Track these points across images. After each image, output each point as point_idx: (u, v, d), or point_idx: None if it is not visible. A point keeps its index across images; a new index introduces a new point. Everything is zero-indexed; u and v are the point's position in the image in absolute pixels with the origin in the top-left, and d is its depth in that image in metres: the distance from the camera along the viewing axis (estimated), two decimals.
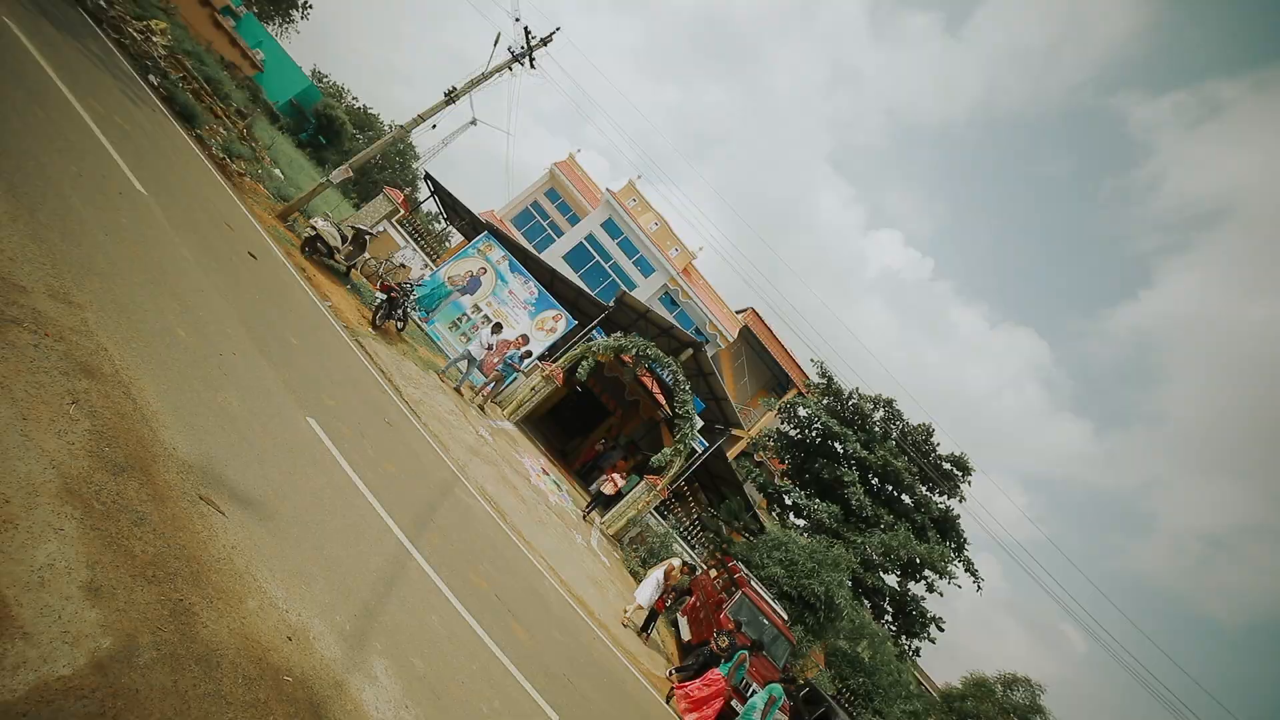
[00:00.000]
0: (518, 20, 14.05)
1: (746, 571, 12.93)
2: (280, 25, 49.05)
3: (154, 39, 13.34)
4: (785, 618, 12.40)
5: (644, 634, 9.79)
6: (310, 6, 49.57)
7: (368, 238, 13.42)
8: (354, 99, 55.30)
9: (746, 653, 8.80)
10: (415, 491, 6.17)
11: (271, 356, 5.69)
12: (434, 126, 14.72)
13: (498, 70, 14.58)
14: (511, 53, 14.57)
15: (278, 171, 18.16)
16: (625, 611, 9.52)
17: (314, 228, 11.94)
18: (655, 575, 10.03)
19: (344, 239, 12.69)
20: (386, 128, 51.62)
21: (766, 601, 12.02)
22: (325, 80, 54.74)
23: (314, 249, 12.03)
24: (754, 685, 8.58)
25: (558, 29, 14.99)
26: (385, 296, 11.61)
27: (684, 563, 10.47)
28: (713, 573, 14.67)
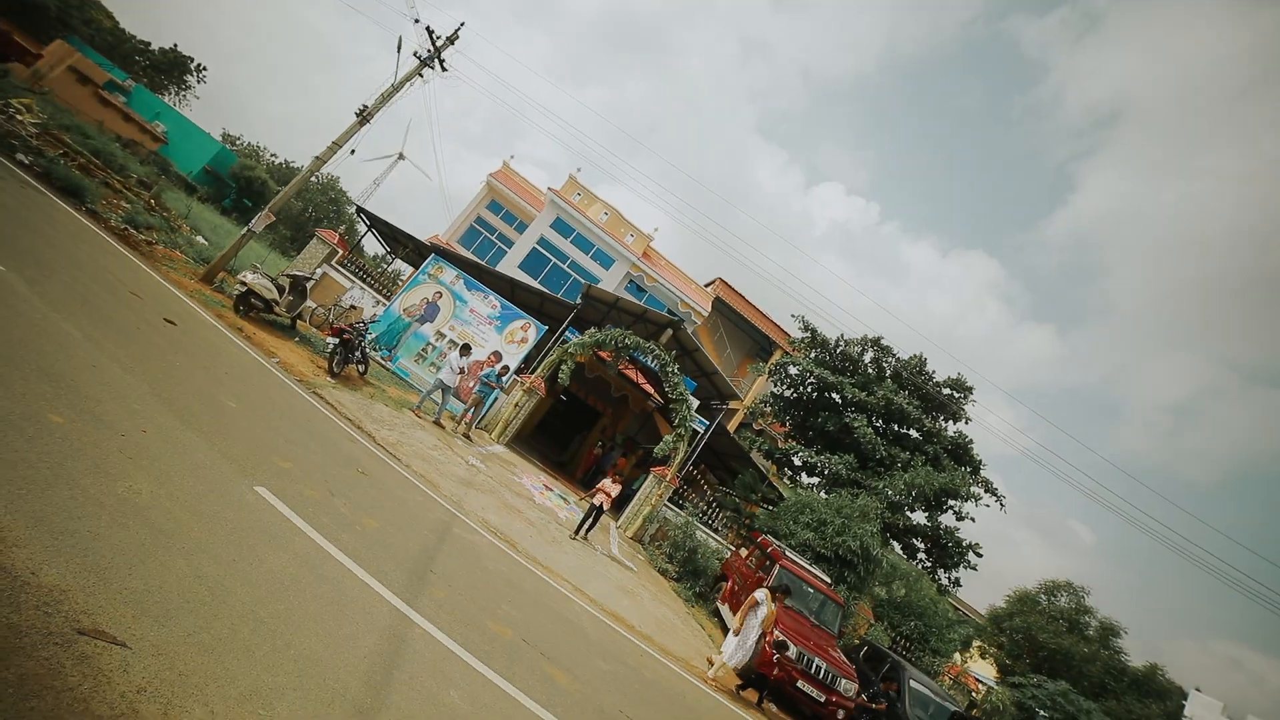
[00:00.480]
0: (417, 21, 13.06)
1: (778, 543, 12.29)
2: (177, 94, 46.72)
3: (20, 118, 12.07)
4: (828, 581, 11.82)
5: (760, 706, 7.85)
6: (205, 69, 47.34)
7: (307, 284, 12.41)
8: (273, 156, 53.33)
9: None
10: (406, 543, 5.34)
11: (200, 426, 4.80)
12: (353, 152, 13.67)
13: (408, 79, 13.58)
14: (418, 58, 13.57)
15: (200, 238, 16.91)
16: (709, 671, 7.64)
17: (244, 283, 10.90)
18: (749, 629, 7.67)
19: (281, 290, 11.67)
20: (312, 177, 49.87)
21: (805, 569, 11.42)
22: (238, 142, 52.59)
23: (249, 305, 11.01)
24: None
25: (462, 24, 14.03)
26: (338, 340, 10.66)
27: (770, 590, 8.07)
28: (743, 552, 14.04)
